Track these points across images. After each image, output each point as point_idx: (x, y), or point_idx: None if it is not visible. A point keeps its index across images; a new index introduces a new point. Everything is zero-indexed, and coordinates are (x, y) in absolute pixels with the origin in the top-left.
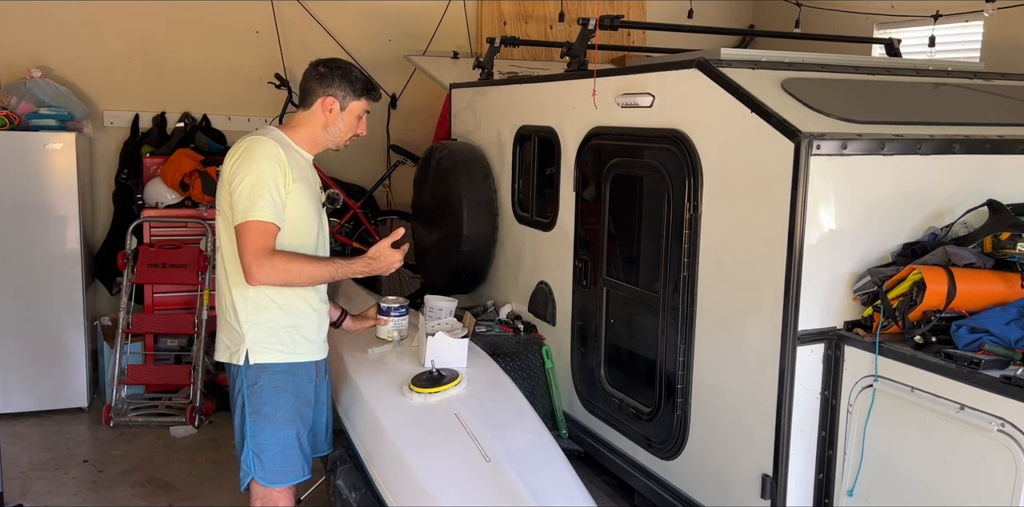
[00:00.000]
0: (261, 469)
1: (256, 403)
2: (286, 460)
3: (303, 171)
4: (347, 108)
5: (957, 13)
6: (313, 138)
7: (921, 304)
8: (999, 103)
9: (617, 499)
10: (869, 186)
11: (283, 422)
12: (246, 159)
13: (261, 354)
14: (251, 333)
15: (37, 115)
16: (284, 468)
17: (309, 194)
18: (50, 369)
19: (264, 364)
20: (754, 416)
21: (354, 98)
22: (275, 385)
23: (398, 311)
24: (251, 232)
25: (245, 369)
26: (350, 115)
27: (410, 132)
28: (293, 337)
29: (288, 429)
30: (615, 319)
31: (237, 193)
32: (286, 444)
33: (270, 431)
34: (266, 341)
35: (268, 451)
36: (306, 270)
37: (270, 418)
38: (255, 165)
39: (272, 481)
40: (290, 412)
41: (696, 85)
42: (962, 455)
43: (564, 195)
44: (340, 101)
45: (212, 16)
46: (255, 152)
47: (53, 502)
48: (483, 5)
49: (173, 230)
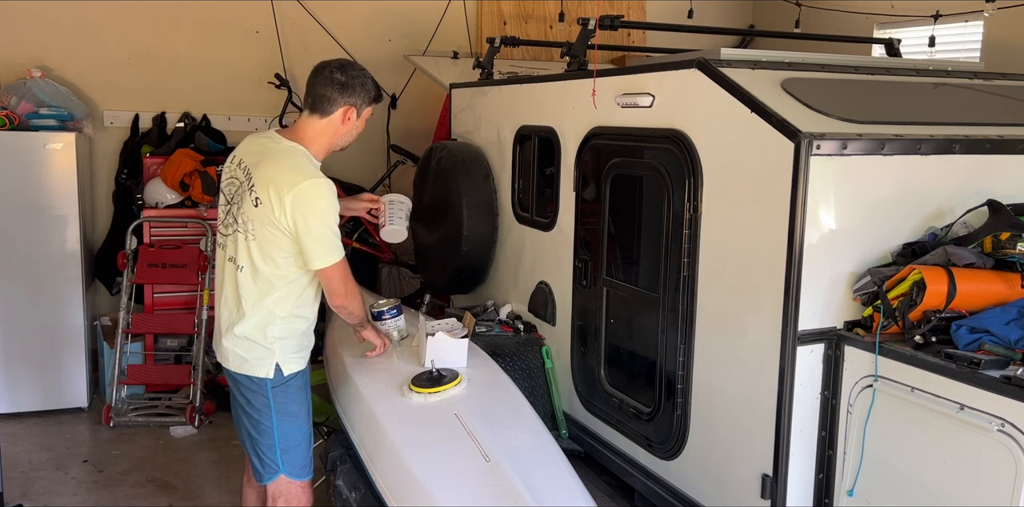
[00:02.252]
0: (290, 465)
1: (283, 402)
2: (308, 454)
3: None
4: (361, 114)
5: (957, 13)
6: (329, 146)
7: (921, 304)
8: (999, 103)
9: (617, 499)
10: (869, 186)
11: (306, 418)
12: (318, 205)
13: (290, 365)
14: (280, 348)
15: (37, 115)
16: (307, 462)
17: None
18: (50, 369)
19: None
20: (754, 416)
21: (368, 105)
22: (298, 385)
23: (391, 313)
24: (338, 270)
25: (277, 375)
26: (362, 120)
27: (410, 132)
28: (306, 343)
29: (309, 425)
30: (615, 319)
31: (313, 237)
32: (306, 439)
33: (297, 427)
34: (292, 352)
35: (298, 447)
36: (359, 304)
37: (296, 415)
38: (325, 211)
39: (301, 475)
40: (308, 408)
41: (696, 85)
42: (962, 455)
43: (564, 195)
44: (358, 109)
45: (212, 16)
46: (323, 196)
47: (53, 502)
48: (483, 5)
49: (173, 230)
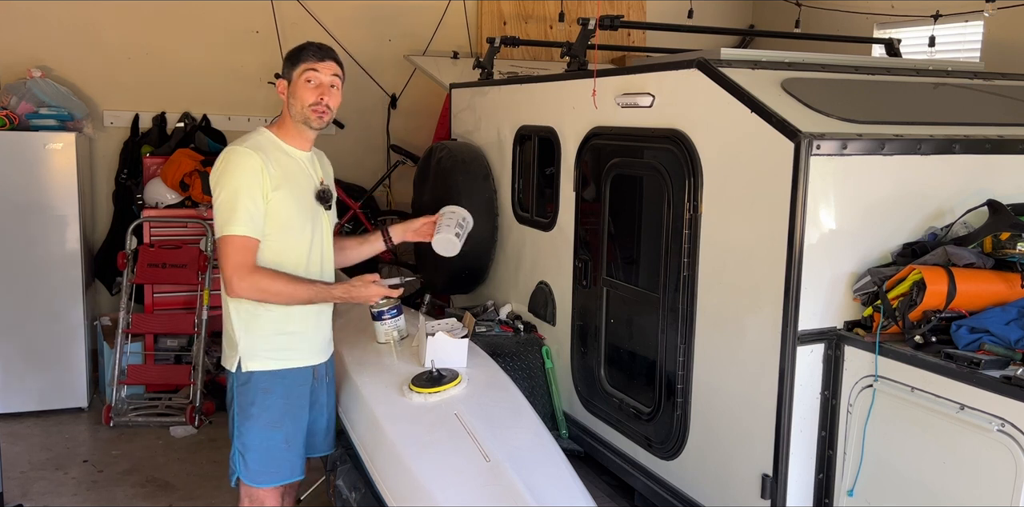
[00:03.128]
0: (245, 469)
1: (243, 403)
2: (270, 461)
3: (291, 174)
4: (293, 80)
5: (957, 13)
6: (290, 128)
7: (921, 304)
8: (999, 103)
9: (617, 499)
10: (869, 186)
11: (268, 423)
12: (223, 172)
13: (254, 362)
14: (244, 341)
15: (37, 115)
16: (268, 469)
17: (295, 199)
18: (50, 369)
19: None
20: (754, 416)
21: (294, 67)
22: (263, 387)
23: (391, 313)
24: (229, 247)
25: (238, 371)
26: (295, 85)
27: (410, 132)
28: (287, 344)
29: (273, 431)
30: (615, 319)
31: (216, 207)
32: (271, 446)
33: (255, 431)
34: (259, 349)
35: (252, 451)
36: (285, 291)
37: (255, 419)
38: (230, 178)
39: (255, 481)
40: (277, 414)
41: (696, 85)
42: (962, 455)
43: (564, 195)
44: (285, 77)
45: (212, 16)
46: (229, 164)
47: (53, 502)
48: (483, 5)
49: (173, 230)
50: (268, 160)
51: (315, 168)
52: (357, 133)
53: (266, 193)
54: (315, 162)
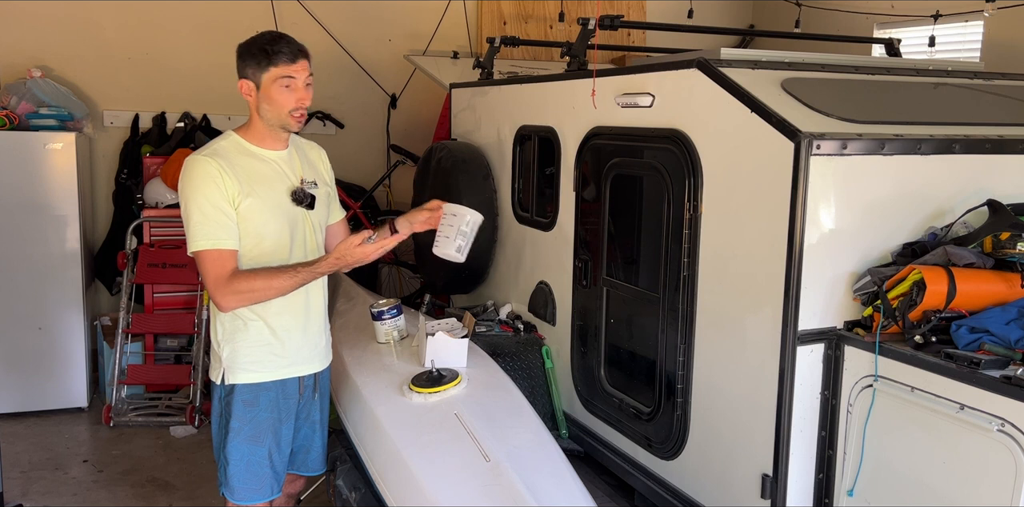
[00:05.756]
0: (226, 482)
1: (227, 415)
2: (251, 477)
3: (260, 179)
4: (262, 84)
5: (957, 13)
6: (261, 130)
7: (921, 304)
8: (999, 103)
9: (617, 499)
10: (869, 186)
11: (249, 437)
12: (183, 184)
13: (237, 375)
14: (226, 351)
15: (37, 115)
16: (248, 486)
17: (268, 206)
18: (50, 369)
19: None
20: (754, 416)
21: (262, 70)
22: (245, 399)
23: (391, 313)
24: (204, 263)
25: (221, 383)
26: (268, 90)
27: (410, 132)
28: (270, 355)
29: (255, 445)
30: (615, 319)
31: (184, 219)
32: (252, 460)
33: (236, 446)
34: (240, 360)
35: (232, 465)
36: (271, 284)
37: (237, 432)
38: (192, 189)
39: (235, 498)
40: (259, 428)
41: (696, 85)
42: (962, 455)
43: (564, 195)
44: (252, 79)
45: (212, 16)
46: (186, 174)
47: (53, 502)
48: (483, 5)
49: (173, 230)
50: (230, 165)
51: (293, 167)
52: (357, 133)
53: (232, 198)
54: (294, 160)
